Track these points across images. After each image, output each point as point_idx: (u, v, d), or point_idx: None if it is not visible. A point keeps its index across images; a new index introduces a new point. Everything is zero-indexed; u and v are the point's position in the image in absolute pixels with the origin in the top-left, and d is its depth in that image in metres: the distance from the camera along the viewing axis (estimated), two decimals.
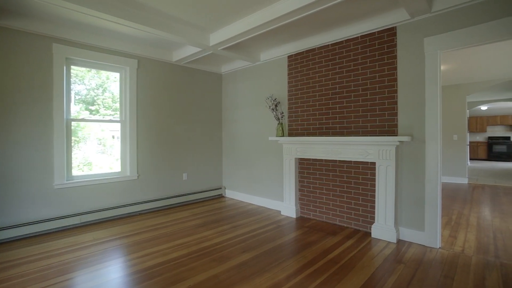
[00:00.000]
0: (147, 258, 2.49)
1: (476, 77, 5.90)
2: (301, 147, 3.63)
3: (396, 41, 2.89)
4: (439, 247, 2.70)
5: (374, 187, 3.06)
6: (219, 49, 3.74)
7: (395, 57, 2.90)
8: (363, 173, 3.16)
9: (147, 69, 4.13)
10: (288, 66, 3.94)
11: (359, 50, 3.17)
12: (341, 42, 3.33)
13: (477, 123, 12.41)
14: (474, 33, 2.44)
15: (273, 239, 2.92)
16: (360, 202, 3.18)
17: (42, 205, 3.18)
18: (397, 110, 2.91)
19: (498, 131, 12.24)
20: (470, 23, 2.47)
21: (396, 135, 2.90)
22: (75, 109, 3.57)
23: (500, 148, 11.68)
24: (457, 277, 2.14)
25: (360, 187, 3.18)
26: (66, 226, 3.30)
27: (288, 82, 3.94)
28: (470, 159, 12.10)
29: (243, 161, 4.71)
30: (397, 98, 2.91)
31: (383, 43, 2.98)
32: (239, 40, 3.42)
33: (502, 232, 3.15)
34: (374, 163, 3.07)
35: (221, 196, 5.05)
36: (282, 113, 3.91)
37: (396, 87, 2.90)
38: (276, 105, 3.90)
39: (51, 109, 3.24)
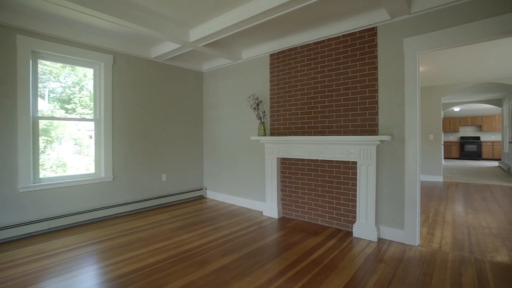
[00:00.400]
0: (121, 264, 2.35)
1: (450, 79, 6.14)
2: (283, 146, 3.60)
3: (376, 41, 2.91)
4: (418, 245, 2.74)
5: (356, 186, 3.07)
6: (199, 45, 3.62)
7: (375, 57, 2.92)
8: (345, 172, 3.16)
9: (123, 66, 3.93)
10: (270, 64, 3.89)
11: (341, 49, 3.17)
12: (323, 41, 3.32)
13: (450, 123, 12.99)
14: (451, 34, 2.49)
15: (254, 241, 2.86)
16: (342, 201, 3.19)
17: (4, 210, 2.93)
18: (377, 109, 2.93)
19: (469, 132, 12.88)
20: (447, 25, 2.52)
21: (377, 135, 2.93)
22: (49, 107, 3.34)
23: (471, 148, 12.30)
24: (436, 274, 2.17)
25: (342, 186, 3.19)
26: (33, 232, 3.06)
27: (270, 81, 3.89)
28: (444, 158, 12.65)
29: (225, 161, 4.62)
30: (377, 98, 2.93)
31: (364, 43, 3.00)
32: (220, 37, 3.32)
33: (475, 228, 3.26)
34: (355, 163, 3.08)
35: (202, 197, 4.93)
36: (264, 112, 3.86)
37: (377, 86, 2.93)
38: (258, 104, 3.84)
39: (15, 105, 3.00)
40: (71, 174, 3.49)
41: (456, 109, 11.30)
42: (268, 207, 3.78)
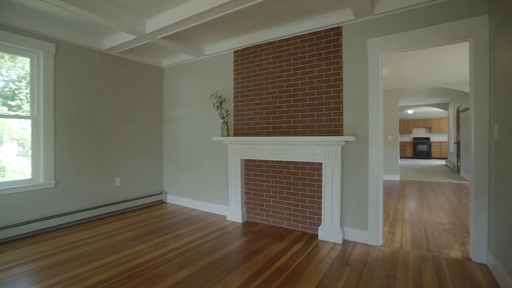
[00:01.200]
0: None
1: (407, 83, 6.50)
2: (247, 147, 3.44)
3: (341, 40, 2.89)
4: (381, 245, 2.76)
5: (321, 188, 3.02)
6: (157, 38, 3.32)
7: (340, 56, 2.89)
8: (310, 174, 3.10)
9: (68, 56, 3.47)
10: (234, 61, 3.71)
11: (306, 48, 3.10)
12: (289, 39, 3.23)
13: (405, 125, 13.94)
14: (412, 37, 2.53)
15: (216, 249, 2.65)
16: (307, 203, 3.12)
17: None
18: (342, 110, 2.91)
19: (421, 133, 13.94)
20: (408, 27, 2.56)
21: (342, 135, 2.90)
22: None
23: (422, 148, 13.32)
24: (399, 275, 2.16)
25: (307, 188, 3.12)
26: None
27: (234, 79, 3.71)
28: (400, 157, 13.52)
29: (187, 163, 4.34)
30: (342, 98, 2.90)
31: (329, 42, 2.96)
32: (180, 29, 3.07)
33: (431, 225, 3.40)
34: (320, 164, 3.02)
35: (161, 202, 4.58)
36: (228, 111, 3.67)
37: (342, 86, 2.90)
38: (221, 103, 3.63)
39: None
40: (7, 180, 2.99)
41: (410, 111, 12.13)
42: (232, 211, 3.59)
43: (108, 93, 3.92)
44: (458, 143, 8.36)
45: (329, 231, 2.87)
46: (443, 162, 11.76)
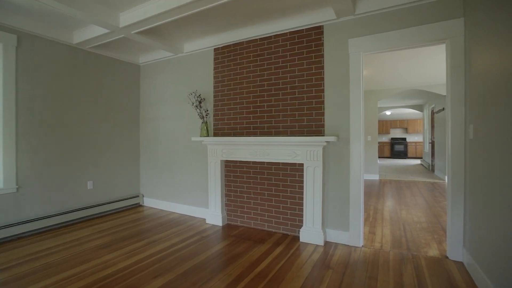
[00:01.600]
0: None
1: (386, 84, 6.65)
2: (227, 148, 3.33)
3: (323, 40, 2.86)
4: (362, 246, 2.75)
5: (302, 189, 2.97)
6: (132, 32, 3.14)
7: (322, 56, 2.86)
8: (291, 175, 3.05)
9: (33, 49, 3.21)
10: (215, 59, 3.60)
11: (288, 47, 3.05)
12: (270, 37, 3.16)
13: (383, 126, 14.36)
14: (392, 38, 2.54)
15: (194, 255, 2.53)
16: (289, 205, 3.06)
17: None
18: (324, 109, 2.88)
19: (398, 133, 14.42)
20: (389, 28, 2.56)
21: (323, 135, 2.87)
22: None
23: (399, 148, 13.78)
24: (380, 277, 2.15)
25: (289, 189, 3.06)
26: None
27: (214, 77, 3.59)
28: (378, 157, 13.91)
29: (165, 164, 4.16)
30: (324, 98, 2.87)
31: (311, 41, 2.92)
32: (156, 24, 2.91)
33: (409, 223, 3.46)
34: (302, 164, 2.98)
35: (138, 206, 4.37)
36: (207, 110, 3.55)
37: (323, 86, 2.87)
38: (200, 102, 3.50)
39: None
40: None
41: (388, 112, 12.51)
42: (212, 214, 3.47)
43: (80, 90, 3.67)
44: (432, 143, 8.69)
45: (311, 233, 2.83)
46: (418, 161, 12.21)
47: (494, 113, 1.71)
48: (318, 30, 2.88)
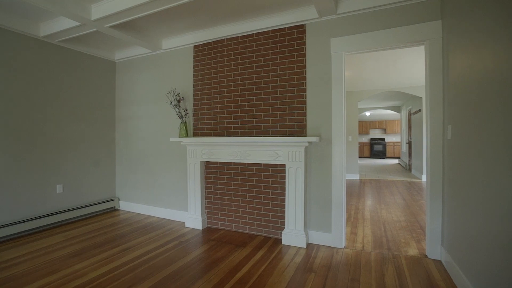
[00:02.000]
0: None
1: (366, 86, 6.77)
2: (207, 149, 3.22)
3: (305, 39, 2.82)
4: (344, 247, 2.73)
5: (284, 190, 2.92)
6: (105, 26, 2.96)
7: (304, 55, 2.82)
8: (273, 176, 2.99)
9: None
10: (194, 57, 3.47)
11: (270, 45, 2.99)
12: (252, 35, 3.09)
13: (363, 126, 14.71)
14: (373, 38, 2.54)
15: (172, 262, 2.40)
16: (270, 207, 3.00)
17: None
18: (306, 109, 2.84)
19: (377, 134, 14.83)
20: (370, 28, 2.56)
21: (305, 136, 2.83)
22: None
23: (378, 148, 14.16)
24: (362, 278, 2.13)
25: (270, 191, 3.00)
26: None
27: (194, 76, 3.47)
28: (358, 157, 14.24)
29: (142, 166, 3.97)
30: (306, 98, 2.84)
31: (293, 40, 2.87)
32: (132, 18, 2.76)
33: (389, 223, 3.51)
34: (284, 165, 2.93)
35: (113, 210, 4.15)
36: (186, 110, 3.42)
37: (305, 86, 2.83)
38: (179, 101, 3.37)
39: None
40: None
41: (367, 113, 12.82)
42: (191, 217, 3.34)
43: (48, 87, 3.42)
44: (409, 144, 8.97)
45: (293, 235, 2.78)
46: (396, 161, 12.60)
47: (470, 114, 1.73)
48: (300, 29, 2.84)
